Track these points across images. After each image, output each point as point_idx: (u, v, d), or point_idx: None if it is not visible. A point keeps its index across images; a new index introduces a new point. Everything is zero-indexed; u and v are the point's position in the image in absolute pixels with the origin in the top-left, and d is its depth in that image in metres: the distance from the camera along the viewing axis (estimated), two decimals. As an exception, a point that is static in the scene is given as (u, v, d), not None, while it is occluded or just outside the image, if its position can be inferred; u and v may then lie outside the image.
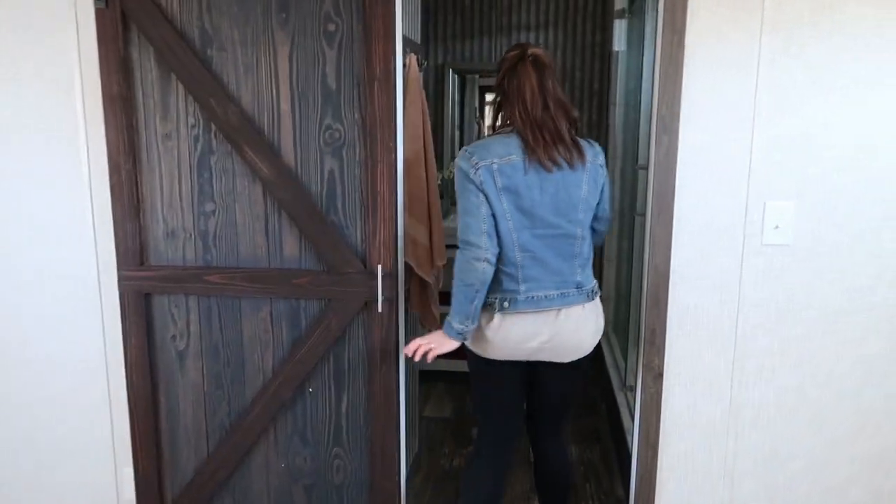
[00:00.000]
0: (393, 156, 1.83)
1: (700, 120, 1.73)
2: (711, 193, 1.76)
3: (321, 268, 1.91)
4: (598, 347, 3.65)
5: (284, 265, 1.93)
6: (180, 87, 1.87)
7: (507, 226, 1.68)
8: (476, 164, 1.68)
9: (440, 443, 3.01)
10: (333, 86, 1.83)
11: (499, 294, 1.73)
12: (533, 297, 1.72)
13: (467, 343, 1.80)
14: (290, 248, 1.92)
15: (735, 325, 1.81)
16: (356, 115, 1.84)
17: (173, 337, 2.01)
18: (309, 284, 1.91)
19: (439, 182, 3.78)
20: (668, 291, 1.82)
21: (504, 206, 1.67)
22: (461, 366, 1.95)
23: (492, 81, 2.98)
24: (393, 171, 1.84)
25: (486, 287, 1.69)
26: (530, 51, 1.72)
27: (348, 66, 1.82)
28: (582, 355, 1.82)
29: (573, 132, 1.74)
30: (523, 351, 1.76)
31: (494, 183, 1.66)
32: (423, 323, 2.31)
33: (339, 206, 1.89)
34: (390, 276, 1.88)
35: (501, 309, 1.72)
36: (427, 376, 3.54)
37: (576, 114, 1.75)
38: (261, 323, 1.97)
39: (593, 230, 1.84)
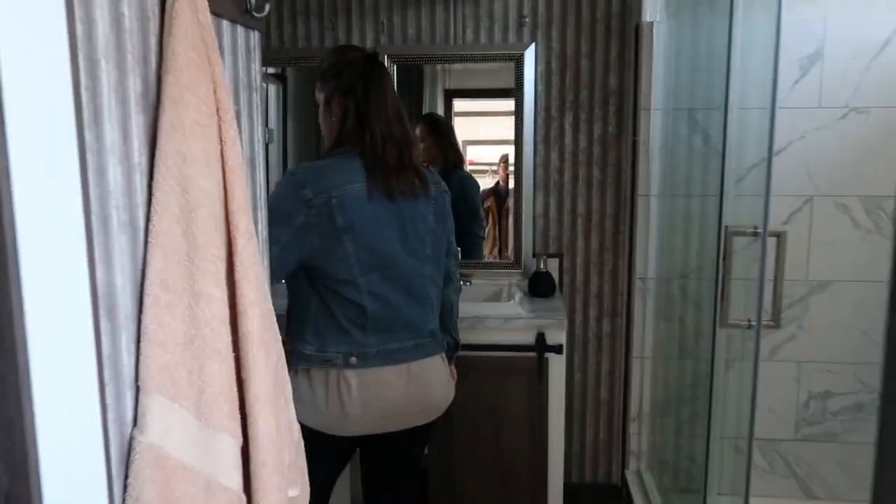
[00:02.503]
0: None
1: None
2: None
3: None
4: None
5: None
6: None
7: (352, 272, 1.43)
8: (309, 200, 1.39)
9: None
10: None
11: (343, 348, 1.44)
12: (386, 351, 1.46)
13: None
14: None
15: None
16: None
17: None
18: None
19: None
20: None
21: (348, 247, 1.42)
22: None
23: (468, 81, 2.53)
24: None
25: None
26: (371, 51, 1.56)
27: None
28: (435, 417, 1.57)
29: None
30: (377, 420, 1.47)
31: (335, 222, 1.40)
32: None
33: None
34: None
35: (347, 365, 1.44)
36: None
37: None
38: None
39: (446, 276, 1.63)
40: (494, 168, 2.51)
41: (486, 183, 2.52)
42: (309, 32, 2.43)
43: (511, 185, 2.45)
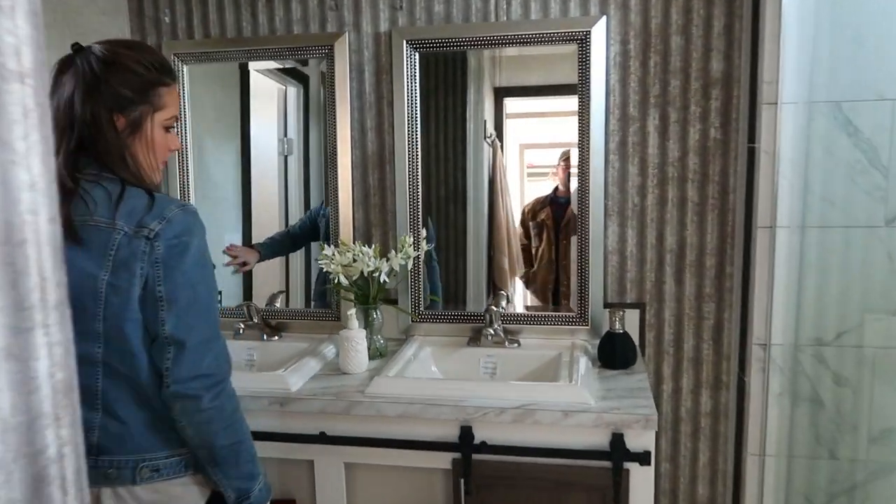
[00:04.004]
0: None
1: None
2: None
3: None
4: None
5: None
6: None
7: None
8: None
9: None
10: None
11: None
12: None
13: None
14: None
15: None
16: None
17: None
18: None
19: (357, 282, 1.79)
20: None
21: None
22: None
23: (524, 76, 2.00)
24: None
25: None
26: None
27: None
28: None
29: None
30: None
31: None
32: None
33: None
34: None
35: None
36: None
37: None
38: None
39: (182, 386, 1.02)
40: (554, 170, 1.90)
41: (544, 189, 1.91)
42: (307, 15, 1.88)
43: (573, 187, 1.82)
